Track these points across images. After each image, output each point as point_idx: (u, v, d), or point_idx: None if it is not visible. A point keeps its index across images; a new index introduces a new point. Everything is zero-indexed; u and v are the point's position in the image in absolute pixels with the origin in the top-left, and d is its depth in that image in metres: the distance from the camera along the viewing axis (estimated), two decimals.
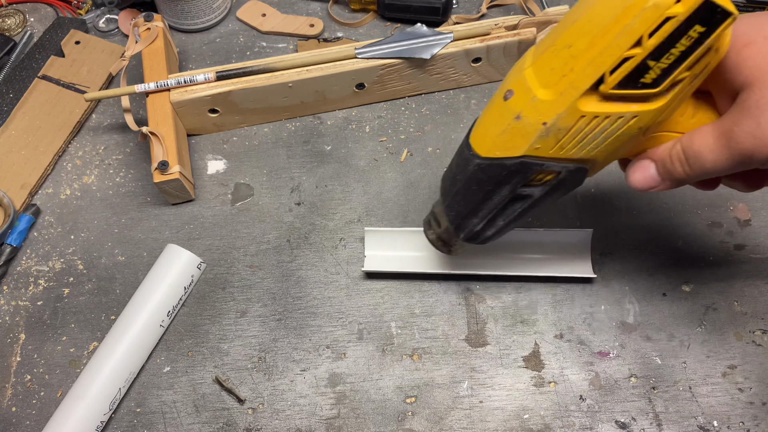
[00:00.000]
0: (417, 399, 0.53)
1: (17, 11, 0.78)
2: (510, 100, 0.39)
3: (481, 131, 0.42)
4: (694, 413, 0.52)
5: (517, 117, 0.39)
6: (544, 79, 0.37)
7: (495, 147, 0.41)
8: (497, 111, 0.41)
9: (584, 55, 0.35)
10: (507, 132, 0.40)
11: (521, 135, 0.39)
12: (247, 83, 0.62)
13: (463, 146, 0.44)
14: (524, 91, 0.38)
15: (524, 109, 0.38)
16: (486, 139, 0.42)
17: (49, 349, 0.56)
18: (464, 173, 0.44)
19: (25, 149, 0.65)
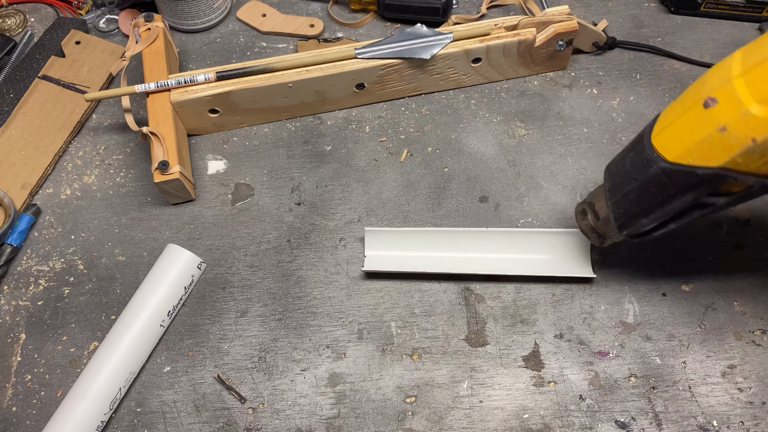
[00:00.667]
0: (417, 399, 0.53)
1: (18, 11, 0.78)
2: (713, 108, 0.37)
3: (671, 134, 0.40)
4: (693, 413, 0.52)
5: (722, 129, 0.37)
6: (761, 94, 0.35)
7: (688, 154, 0.39)
8: (695, 117, 0.38)
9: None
10: (706, 142, 0.38)
11: (723, 147, 0.37)
12: (247, 83, 0.63)
13: (643, 145, 0.42)
14: (733, 103, 0.36)
15: (732, 123, 0.36)
16: (677, 145, 0.40)
17: (50, 349, 0.56)
18: (643, 174, 0.42)
19: (25, 149, 0.66)
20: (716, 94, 0.37)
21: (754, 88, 0.36)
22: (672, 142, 0.41)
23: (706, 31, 0.73)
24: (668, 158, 0.40)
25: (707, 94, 0.38)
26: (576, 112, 0.67)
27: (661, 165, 0.41)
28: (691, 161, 0.39)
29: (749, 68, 0.36)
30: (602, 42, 0.70)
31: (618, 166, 0.46)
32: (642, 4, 0.76)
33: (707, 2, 0.72)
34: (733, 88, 0.36)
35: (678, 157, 0.40)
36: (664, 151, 0.41)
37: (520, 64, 0.68)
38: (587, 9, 0.76)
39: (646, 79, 0.69)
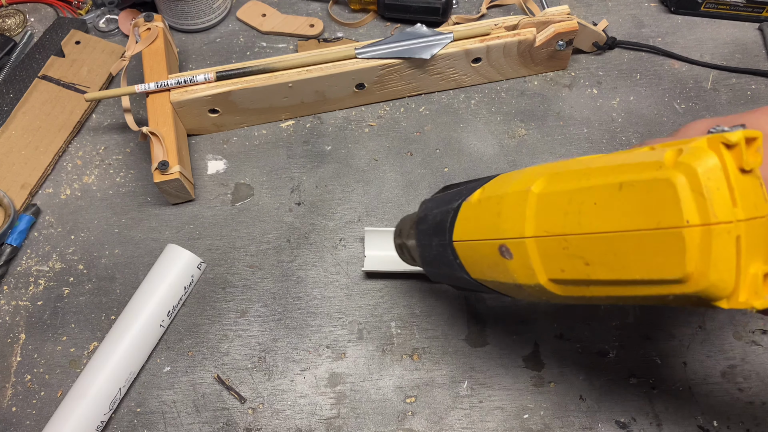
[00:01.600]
0: (417, 399, 0.53)
1: (17, 11, 0.78)
2: (509, 261, 0.35)
3: (471, 255, 0.39)
4: (693, 413, 0.52)
5: (518, 286, 0.35)
6: (553, 274, 0.33)
7: (491, 283, 0.38)
8: (492, 256, 0.36)
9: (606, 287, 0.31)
10: (504, 284, 0.37)
11: (520, 292, 0.36)
12: (247, 83, 0.62)
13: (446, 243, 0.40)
14: (527, 268, 0.34)
15: (528, 287, 0.35)
16: (478, 270, 0.39)
17: (50, 349, 0.56)
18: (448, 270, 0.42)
19: (25, 149, 0.66)
20: (511, 246, 0.35)
21: (547, 263, 0.33)
22: (473, 263, 0.39)
23: (707, 31, 0.73)
24: (472, 275, 0.40)
25: (502, 234, 0.35)
26: (576, 112, 0.67)
27: (463, 276, 0.40)
28: (494, 288, 0.39)
29: (541, 233, 0.33)
30: (602, 42, 0.70)
31: (426, 239, 0.44)
32: (642, 4, 0.76)
33: (707, 2, 0.72)
34: (526, 250, 0.34)
35: (480, 279, 0.39)
36: (467, 266, 0.39)
37: (520, 64, 0.68)
38: (587, 9, 0.76)
39: (646, 79, 0.69)
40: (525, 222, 0.34)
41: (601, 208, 0.30)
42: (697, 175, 0.26)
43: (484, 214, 0.38)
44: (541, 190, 0.34)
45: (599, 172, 0.31)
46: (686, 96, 0.68)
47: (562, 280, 0.33)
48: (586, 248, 0.31)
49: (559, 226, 0.32)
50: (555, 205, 0.33)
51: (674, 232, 0.27)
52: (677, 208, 0.27)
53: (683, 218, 0.26)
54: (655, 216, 0.28)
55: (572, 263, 0.31)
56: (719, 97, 0.68)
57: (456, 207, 0.41)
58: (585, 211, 0.31)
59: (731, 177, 0.27)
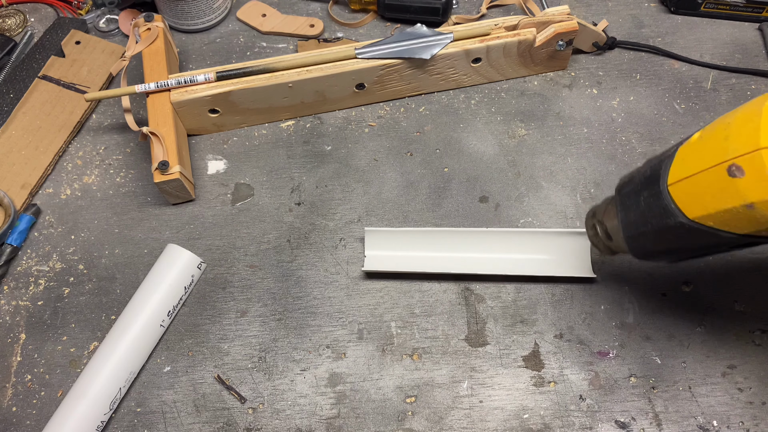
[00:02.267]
0: (417, 399, 0.53)
1: (18, 11, 0.78)
2: (739, 180, 0.33)
3: (690, 190, 0.37)
4: (693, 413, 0.52)
5: (750, 206, 0.34)
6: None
7: (710, 218, 0.36)
8: (718, 182, 0.35)
9: None
10: (731, 213, 0.35)
11: (750, 221, 0.35)
12: (247, 83, 0.63)
13: (659, 189, 0.39)
14: (762, 180, 0.32)
15: (762, 203, 0.33)
16: (698, 205, 0.37)
17: (50, 349, 0.56)
18: (660, 221, 0.39)
19: (25, 149, 0.66)
20: (742, 162, 0.33)
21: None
22: (692, 199, 0.37)
23: (706, 31, 0.73)
24: (689, 215, 0.38)
25: (732, 155, 0.34)
26: (576, 112, 0.67)
27: (679, 220, 0.38)
28: (713, 224, 0.37)
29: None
30: (602, 42, 0.70)
31: (632, 199, 0.43)
32: (642, 4, 0.76)
33: (707, 2, 0.72)
34: (763, 162, 0.32)
35: (700, 217, 0.37)
36: (684, 206, 0.38)
37: (520, 64, 0.68)
38: (587, 9, 0.76)
39: (646, 79, 0.69)
40: (760, 133, 0.33)
41: None
42: None
43: (709, 145, 0.36)
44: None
45: None
46: (686, 96, 0.68)
47: None
48: None
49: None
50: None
51: None
52: None
53: None
54: None
55: None
56: (719, 97, 0.68)
57: (671, 154, 0.40)
58: None
59: None
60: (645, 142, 0.65)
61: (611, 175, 0.63)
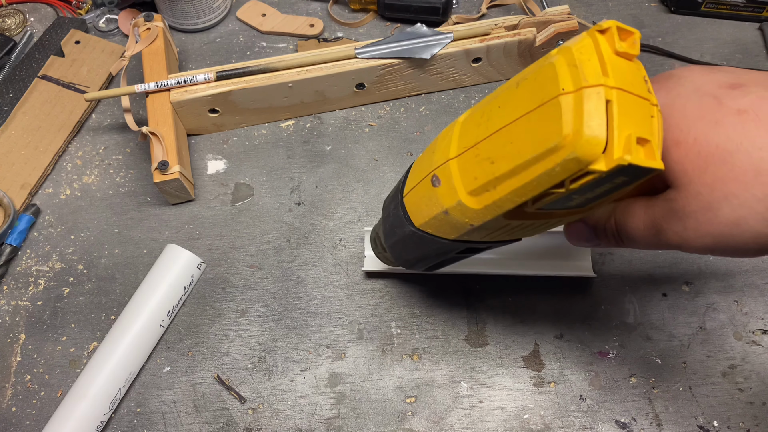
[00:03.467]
0: (417, 399, 0.53)
1: (17, 11, 0.78)
2: (438, 189, 0.38)
3: (413, 201, 0.41)
4: (694, 413, 0.52)
5: (445, 212, 0.37)
6: (469, 186, 0.35)
7: (427, 225, 0.40)
8: (426, 192, 0.39)
9: (507, 180, 0.32)
10: (437, 219, 0.39)
11: (450, 226, 0.38)
12: (247, 83, 0.62)
13: (398, 201, 0.43)
14: (450, 188, 0.36)
15: (451, 209, 0.37)
16: (418, 214, 0.41)
17: (49, 349, 0.56)
18: (401, 230, 0.43)
19: (25, 149, 0.66)
20: (439, 173, 0.37)
21: (464, 176, 0.35)
22: (415, 208, 0.41)
23: (707, 30, 0.73)
24: (415, 223, 0.41)
25: (434, 166, 0.38)
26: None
27: (410, 228, 0.42)
28: (431, 231, 0.40)
29: (461, 150, 0.36)
30: None
31: (386, 210, 0.46)
32: (642, 4, 0.76)
33: (707, 2, 0.72)
34: (450, 171, 0.36)
35: (421, 225, 0.41)
36: (411, 215, 0.41)
37: (521, 63, 0.68)
38: (588, 9, 0.76)
39: None
40: (450, 147, 0.37)
41: (503, 108, 0.33)
42: (571, 52, 0.29)
43: (425, 158, 0.40)
44: (464, 118, 0.37)
45: (507, 83, 0.34)
46: None
47: (475, 189, 0.35)
48: (491, 147, 0.33)
49: (473, 138, 0.35)
50: (472, 123, 0.36)
51: (553, 103, 0.29)
52: (555, 81, 0.29)
53: (559, 88, 0.29)
54: (540, 95, 0.30)
55: (482, 167, 0.34)
56: None
57: (408, 169, 0.43)
58: (492, 116, 0.34)
59: (603, 53, 0.29)
60: None
61: None
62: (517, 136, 0.32)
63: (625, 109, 0.29)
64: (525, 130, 0.31)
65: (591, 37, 0.30)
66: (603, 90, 0.28)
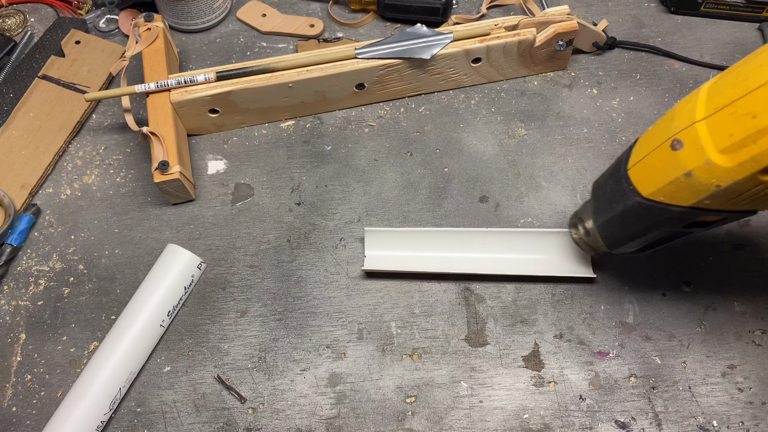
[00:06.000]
0: (417, 399, 0.53)
1: (18, 11, 0.78)
2: (679, 152, 0.37)
3: (644, 170, 0.41)
4: (693, 413, 0.52)
5: (688, 174, 0.37)
6: (721, 144, 0.35)
7: (660, 193, 0.40)
8: (663, 157, 0.39)
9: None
10: (675, 184, 0.38)
11: (691, 190, 0.38)
12: (247, 83, 0.63)
13: (620, 174, 0.43)
14: (697, 148, 0.36)
15: (697, 169, 0.37)
16: (649, 182, 0.40)
17: (50, 349, 0.56)
18: (622, 204, 0.43)
19: (25, 149, 0.66)
20: (682, 136, 0.37)
21: (716, 135, 0.36)
22: (645, 177, 0.41)
23: (706, 31, 0.73)
24: (643, 193, 0.41)
25: (675, 132, 0.38)
26: (576, 112, 0.67)
27: (636, 199, 0.42)
28: (663, 199, 0.40)
29: (711, 112, 0.36)
30: (602, 42, 0.70)
31: (601, 189, 0.47)
32: (642, 4, 0.76)
33: (707, 2, 0.72)
34: (697, 133, 0.36)
35: (651, 193, 0.41)
36: (639, 185, 0.42)
37: (520, 64, 0.68)
38: (587, 9, 0.76)
39: (646, 79, 0.69)
40: (696, 110, 0.37)
41: (765, 66, 0.33)
42: None
43: (658, 128, 0.40)
44: (711, 84, 0.37)
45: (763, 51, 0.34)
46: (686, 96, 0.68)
47: (730, 146, 0.35)
48: (753, 102, 0.33)
49: (728, 97, 0.35)
50: (724, 85, 0.36)
51: None
52: None
53: None
54: None
55: (740, 123, 0.34)
56: None
57: (631, 145, 0.43)
58: (750, 75, 0.34)
59: None
60: None
61: None
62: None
63: None
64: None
65: None
66: None
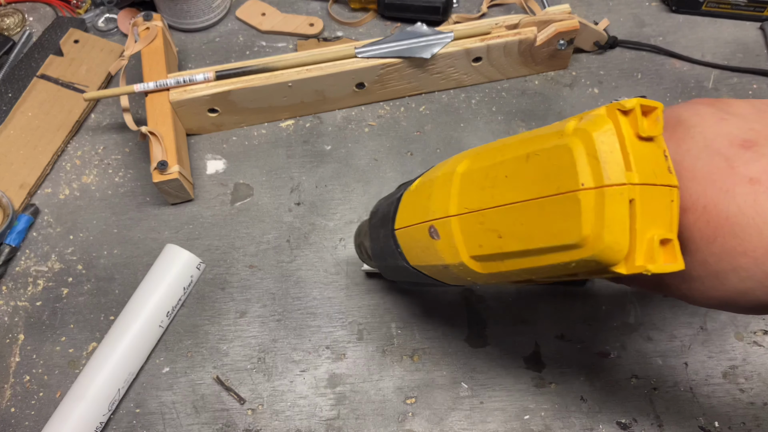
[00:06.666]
0: (417, 400, 0.53)
1: (16, 11, 0.78)
2: (437, 242, 0.36)
3: (408, 241, 0.40)
4: (695, 414, 0.51)
5: (446, 267, 0.36)
6: (473, 251, 0.34)
7: (425, 269, 0.39)
8: (423, 239, 0.37)
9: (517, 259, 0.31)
10: (436, 268, 0.37)
11: (452, 278, 0.37)
12: (246, 83, 0.62)
13: (389, 230, 0.41)
14: (451, 246, 0.35)
15: (453, 266, 0.35)
16: (413, 256, 0.39)
17: (48, 350, 0.56)
18: (393, 261, 0.42)
19: (23, 149, 0.65)
20: (438, 226, 0.35)
21: (468, 239, 0.34)
22: (410, 248, 0.40)
23: (708, 30, 0.73)
24: (410, 262, 0.40)
25: (431, 217, 0.36)
26: (577, 111, 0.67)
27: (404, 264, 0.41)
28: (429, 274, 0.39)
29: (462, 211, 0.34)
30: (603, 41, 0.69)
31: (375, 232, 0.45)
32: (643, 3, 0.75)
33: (709, 1, 0.72)
34: (451, 229, 0.34)
35: (418, 266, 0.40)
36: (406, 252, 0.40)
37: (521, 63, 0.68)
38: (588, 8, 0.75)
39: (647, 79, 0.69)
40: (450, 201, 0.35)
41: (511, 179, 0.31)
42: (592, 140, 0.27)
43: (419, 199, 0.39)
44: (464, 170, 0.35)
45: (512, 146, 0.32)
46: (687, 95, 0.68)
47: (480, 256, 0.33)
48: (499, 221, 0.32)
49: (477, 202, 0.33)
50: (474, 182, 0.34)
51: (571, 197, 0.28)
52: (573, 172, 0.27)
53: (579, 182, 0.27)
54: (555, 182, 0.28)
55: (488, 237, 0.32)
56: (720, 97, 0.68)
57: (399, 196, 0.42)
58: (498, 184, 0.32)
59: (627, 142, 0.27)
60: None
61: None
62: (529, 219, 0.30)
63: (648, 207, 0.27)
64: (538, 215, 0.29)
65: (612, 120, 0.28)
66: (626, 190, 0.27)
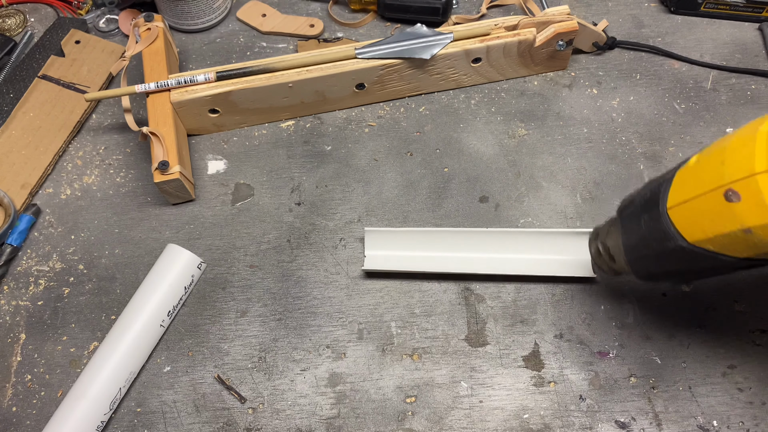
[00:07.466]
0: (417, 399, 0.53)
1: (18, 11, 0.78)
2: (736, 204, 0.34)
3: (689, 215, 0.37)
4: (693, 413, 0.52)
5: (747, 230, 0.34)
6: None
7: (709, 242, 0.36)
8: (715, 206, 0.35)
9: None
10: (729, 237, 0.35)
11: (748, 245, 0.35)
12: (247, 83, 0.63)
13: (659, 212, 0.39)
14: (758, 205, 0.32)
15: (758, 228, 0.33)
16: (696, 229, 0.37)
17: (50, 349, 0.56)
18: (661, 245, 0.40)
19: (25, 149, 0.66)
20: (739, 188, 0.33)
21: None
22: (691, 223, 0.37)
23: (706, 31, 0.73)
24: (688, 239, 0.38)
25: (728, 180, 0.34)
26: (576, 112, 0.67)
27: (679, 244, 0.38)
28: (712, 248, 0.37)
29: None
30: (602, 42, 0.70)
31: (633, 220, 0.43)
32: (642, 4, 0.76)
33: (707, 2, 0.72)
34: (758, 186, 0.32)
35: (698, 241, 0.37)
36: (683, 230, 0.38)
37: (520, 64, 0.68)
38: (587, 9, 0.76)
39: (646, 79, 0.69)
40: (755, 159, 0.33)
41: None
42: None
43: (706, 169, 0.36)
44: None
45: None
46: (686, 96, 0.68)
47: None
48: None
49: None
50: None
51: None
52: None
53: None
54: None
55: None
56: (719, 97, 0.68)
57: (669, 177, 0.40)
58: None
59: None
60: (645, 142, 0.65)
61: (611, 175, 0.63)
62: None
63: None
64: None
65: None
66: None
